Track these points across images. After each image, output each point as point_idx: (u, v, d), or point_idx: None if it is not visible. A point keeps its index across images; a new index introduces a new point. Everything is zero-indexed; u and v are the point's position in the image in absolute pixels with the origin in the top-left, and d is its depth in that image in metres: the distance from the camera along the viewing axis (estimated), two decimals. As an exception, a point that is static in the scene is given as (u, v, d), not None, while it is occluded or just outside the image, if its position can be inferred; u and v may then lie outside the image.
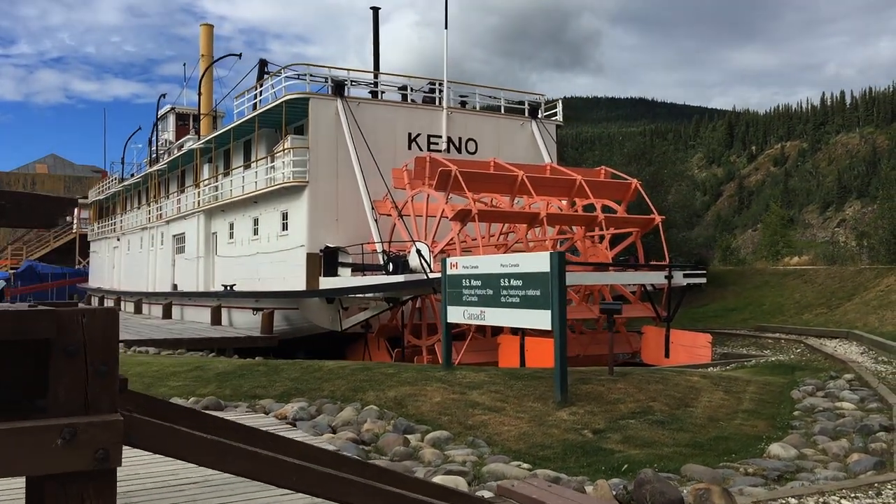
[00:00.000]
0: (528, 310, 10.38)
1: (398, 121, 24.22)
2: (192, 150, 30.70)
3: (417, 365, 13.64)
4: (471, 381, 11.01)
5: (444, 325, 12.23)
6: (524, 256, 10.54)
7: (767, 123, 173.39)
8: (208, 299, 27.70)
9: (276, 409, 9.84)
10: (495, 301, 11.00)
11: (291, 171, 22.93)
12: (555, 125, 27.16)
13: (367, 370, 11.91)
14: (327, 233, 22.83)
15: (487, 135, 25.74)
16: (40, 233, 71.35)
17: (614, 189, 21.99)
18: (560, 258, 9.82)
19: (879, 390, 11.21)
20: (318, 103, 23.04)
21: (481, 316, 11.35)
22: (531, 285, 10.29)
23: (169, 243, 33.71)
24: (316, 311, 22.62)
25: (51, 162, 77.58)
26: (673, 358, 19.85)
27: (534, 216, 19.42)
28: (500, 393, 10.32)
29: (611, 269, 19.90)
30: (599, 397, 10.08)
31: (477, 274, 11.43)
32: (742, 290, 30.89)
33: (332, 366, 12.40)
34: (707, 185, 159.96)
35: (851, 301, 23.24)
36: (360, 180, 22.13)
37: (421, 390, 10.48)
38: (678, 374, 11.87)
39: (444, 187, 19.34)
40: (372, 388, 10.75)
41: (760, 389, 11.19)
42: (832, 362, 15.93)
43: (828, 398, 10.78)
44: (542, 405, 9.74)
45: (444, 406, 9.74)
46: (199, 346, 21.23)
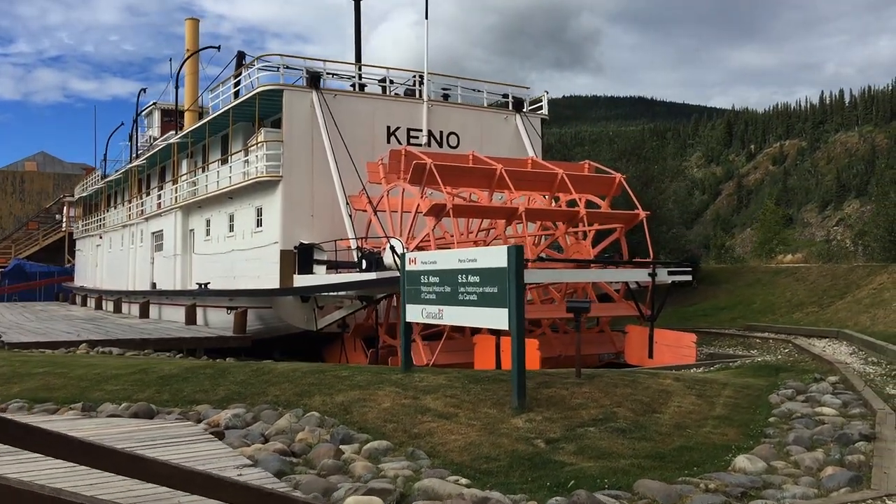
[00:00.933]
0: (485, 308, 9.65)
1: (376, 114, 23.47)
2: (170, 146, 29.96)
3: (376, 367, 12.92)
4: (427, 384, 10.28)
5: (403, 324, 11.50)
6: (482, 251, 9.81)
7: (766, 122, 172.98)
8: (184, 298, 26.97)
9: (212, 415, 9.12)
10: (453, 299, 10.28)
11: (265, 165, 22.18)
12: (540, 119, 26.41)
13: (320, 373, 11.18)
14: (302, 229, 22.09)
15: (470, 128, 25.00)
16: (29, 231, 70.60)
17: (598, 184, 21.26)
18: (517, 252, 9.09)
19: (864, 394, 10.49)
20: (292, 95, 22.29)
21: (439, 315, 10.63)
22: (488, 282, 9.56)
23: (148, 241, 32.98)
24: (290, 311, 21.88)
25: (40, 159, 76.80)
26: (657, 358, 19.15)
27: (512, 211, 18.69)
28: (456, 398, 9.59)
29: (592, 266, 19.17)
30: (561, 402, 9.36)
31: (435, 270, 10.71)
32: (733, 288, 30.18)
33: (282, 368, 11.68)
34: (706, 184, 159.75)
35: (843, 299, 22.53)
36: (334, 175, 21.39)
37: (371, 395, 9.76)
38: (650, 376, 11.15)
39: (419, 181, 18.61)
40: (320, 392, 10.03)
41: (737, 393, 10.47)
42: (819, 363, 15.21)
43: (808, 403, 10.05)
44: (497, 411, 9.02)
45: (391, 412, 9.02)
46: (166, 347, 20.52)
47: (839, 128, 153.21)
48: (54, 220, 69.24)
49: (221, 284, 25.21)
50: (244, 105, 23.39)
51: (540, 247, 20.98)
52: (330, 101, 22.52)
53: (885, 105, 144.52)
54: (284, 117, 22.16)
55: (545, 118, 26.72)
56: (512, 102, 25.97)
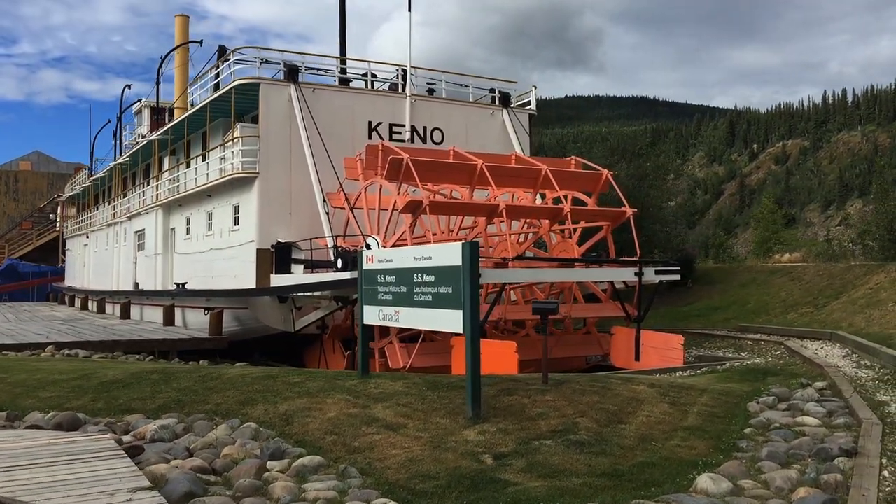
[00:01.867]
0: (440, 309, 8.96)
1: (357, 108, 22.77)
2: (151, 142, 29.30)
3: (333, 372, 12.19)
4: (382, 392, 9.60)
5: (361, 327, 10.80)
6: (437, 248, 9.11)
7: (769, 122, 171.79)
8: (163, 299, 26.30)
9: (142, 426, 8.43)
10: (409, 300, 9.58)
11: (241, 161, 21.49)
12: (528, 114, 25.68)
13: (270, 378, 10.49)
14: (279, 227, 21.40)
15: (455, 124, 24.28)
16: (23, 230, 70.07)
17: (584, 180, 20.54)
18: (472, 249, 8.39)
19: (851, 401, 9.77)
20: (269, 89, 21.59)
21: (395, 317, 9.93)
22: (443, 281, 8.87)
23: (131, 240, 32.32)
24: (267, 311, 21.20)
25: (35, 159, 76.25)
26: (644, 361, 18.44)
27: (493, 208, 17.97)
28: (409, 406, 8.90)
29: (577, 265, 18.45)
30: (520, 412, 8.65)
31: (391, 269, 10.01)
32: (728, 288, 29.43)
33: (233, 374, 10.99)
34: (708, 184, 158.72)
35: (839, 300, 21.78)
36: (311, 171, 20.69)
37: (319, 403, 9.07)
38: (623, 382, 10.44)
39: (396, 177, 17.91)
40: (266, 400, 9.34)
41: (714, 401, 9.76)
42: (809, 367, 14.50)
43: (789, 412, 9.34)
44: (450, 422, 8.32)
45: (335, 423, 8.32)
46: (137, 349, 19.83)
47: (842, 127, 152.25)
48: (48, 219, 68.70)
49: (200, 284, 24.55)
50: (221, 100, 22.70)
51: (524, 245, 20.27)
52: (308, 95, 21.82)
53: (888, 104, 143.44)
54: (261, 112, 21.46)
55: (533, 113, 26.00)
56: (498, 97, 25.26)
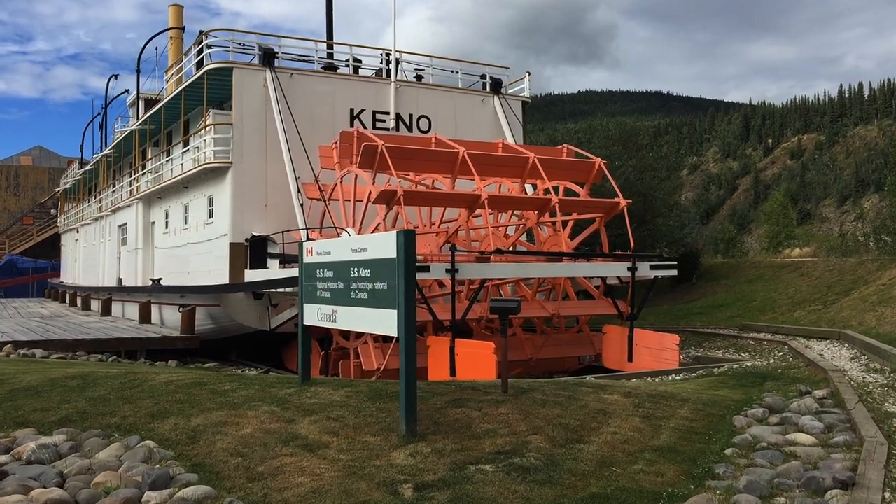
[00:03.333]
0: (375, 309, 7.78)
1: (339, 95, 21.58)
2: (132, 133, 28.26)
3: (272, 378, 10.96)
4: (317, 402, 8.43)
5: (301, 328, 9.63)
6: (372, 238, 7.92)
7: (784, 116, 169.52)
8: (140, 295, 25.27)
9: (24, 443, 7.30)
10: (346, 297, 8.40)
11: (213, 150, 20.39)
12: (520, 101, 24.42)
13: (198, 386, 9.35)
14: (254, 220, 20.27)
15: (443, 112, 23.06)
16: (24, 226, 69.44)
17: (575, 169, 19.27)
18: (407, 238, 7.20)
19: (854, 414, 8.51)
20: (243, 74, 20.45)
21: (333, 316, 8.75)
22: (379, 276, 7.68)
23: (115, 234, 31.33)
24: (241, 309, 20.08)
25: (36, 154, 75.59)
26: (636, 362, 17.21)
27: (474, 199, 16.75)
28: (340, 420, 7.73)
29: (564, 259, 17.23)
30: (465, 428, 7.46)
31: (329, 262, 8.83)
32: (734, 283, 28.09)
33: (159, 379, 9.84)
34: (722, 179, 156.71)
35: (849, 296, 20.43)
36: (286, 160, 19.54)
37: (239, 417, 7.92)
38: (594, 390, 9.22)
39: (370, 165, 16.73)
40: (181, 412, 8.19)
41: (696, 413, 8.52)
42: (812, 370, 13.24)
43: (781, 427, 8.09)
44: (381, 440, 7.14)
45: (247, 442, 7.16)
46: (101, 349, 18.75)
47: (858, 121, 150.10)
48: (49, 214, 68.04)
49: (176, 280, 23.48)
50: (196, 87, 21.59)
51: (511, 238, 19.04)
52: (285, 80, 20.66)
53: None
54: (234, 98, 20.31)
55: (527, 100, 24.73)
56: (489, 83, 24.02)
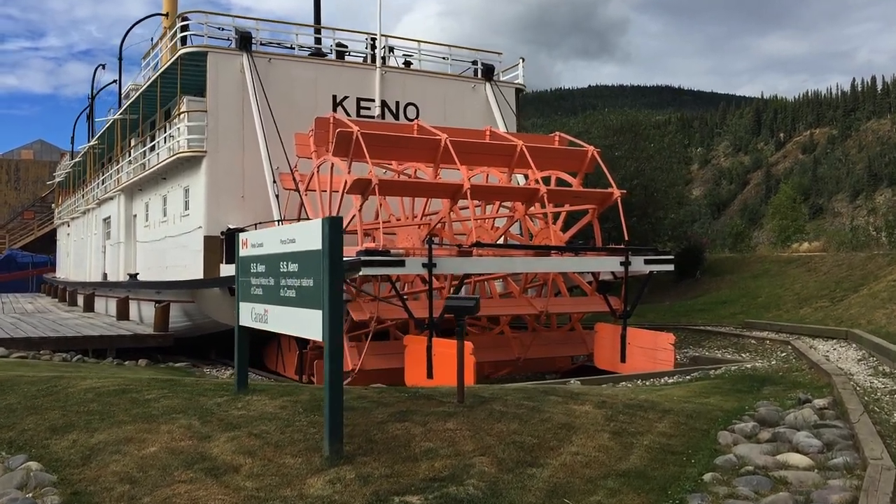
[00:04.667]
0: (301, 308, 6.78)
1: (321, 80, 20.56)
2: (114, 123, 27.35)
3: (211, 384, 9.88)
4: (245, 413, 7.45)
5: (237, 329, 8.64)
6: (300, 228, 6.91)
7: (796, 110, 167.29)
8: (118, 290, 24.38)
9: None
10: (276, 295, 7.41)
11: (186, 139, 19.42)
12: (514, 88, 23.34)
13: (120, 394, 8.38)
14: (231, 212, 19.29)
15: (431, 99, 21.99)
16: (25, 220, 68.92)
17: (566, 158, 18.19)
18: (333, 227, 6.18)
19: (858, 429, 7.44)
20: (218, 58, 19.46)
21: (265, 317, 7.76)
22: (306, 271, 6.68)
23: (100, 228, 30.47)
24: (215, 305, 19.10)
25: (37, 148, 75.00)
26: (630, 362, 16.15)
27: (456, 188, 15.71)
28: (262, 437, 6.73)
29: (553, 253, 16.18)
30: (403, 447, 6.45)
31: (261, 255, 7.84)
32: (738, 279, 26.93)
33: (81, 386, 8.86)
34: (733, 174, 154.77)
35: (858, 293, 19.28)
36: (262, 149, 18.55)
37: (149, 432, 6.94)
38: (564, 399, 8.19)
39: (346, 153, 15.71)
40: (87, 426, 7.22)
41: (675, 427, 7.47)
42: (816, 374, 12.16)
43: (772, 444, 7.03)
44: (302, 461, 6.14)
45: (145, 464, 6.18)
46: (69, 347, 17.84)
47: (871, 115, 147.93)
48: (49, 209, 67.41)
49: (155, 276, 22.57)
50: (170, 73, 20.61)
51: (498, 231, 17.98)
52: (263, 65, 19.67)
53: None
54: (209, 84, 19.32)
55: (521, 87, 23.64)
56: (481, 70, 22.93)
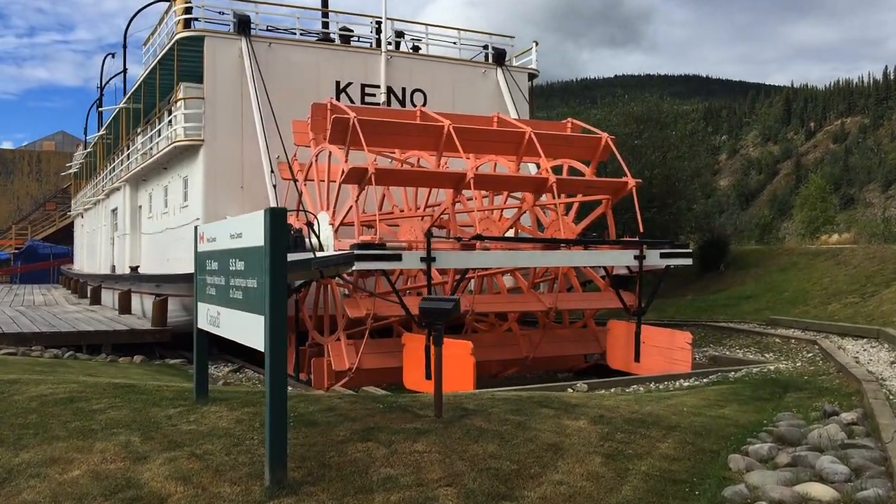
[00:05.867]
0: (245, 313, 5.95)
1: (322, 66, 19.72)
2: (119, 112, 26.75)
3: (171, 391, 9.01)
4: (193, 429, 6.66)
5: (195, 332, 7.84)
6: (246, 220, 6.07)
7: (827, 99, 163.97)
8: (121, 283, 23.82)
9: None
10: (226, 297, 6.59)
11: (183, 127, 18.70)
12: (526, 74, 22.34)
13: (66, 403, 7.62)
14: (229, 203, 18.54)
15: (440, 85, 21.08)
16: (47, 211, 69.08)
17: (577, 145, 17.19)
18: (275, 218, 5.33)
19: (892, 451, 6.47)
20: (215, 43, 18.69)
21: (217, 320, 6.95)
22: (251, 270, 5.85)
23: (108, 219, 29.98)
24: (214, 299, 18.39)
25: (59, 139, 75.16)
26: (644, 362, 15.18)
27: (458, 178, 14.80)
28: (204, 459, 5.91)
29: (562, 246, 15.23)
30: (359, 473, 5.60)
31: (215, 251, 7.03)
32: (764, 273, 25.78)
33: (29, 393, 8.11)
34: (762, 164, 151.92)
35: (890, 288, 18.12)
36: (260, 138, 17.78)
37: (80, 450, 6.17)
38: (555, 414, 7.29)
39: (342, 140, 14.87)
40: (15, 442, 6.46)
41: (680, 448, 6.55)
42: (844, 378, 11.15)
43: (792, 471, 6.08)
44: (240, 491, 5.31)
45: (63, 491, 5.39)
46: (62, 342, 17.25)
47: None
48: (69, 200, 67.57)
49: (157, 268, 21.95)
50: (168, 59, 19.90)
51: (505, 222, 17.05)
52: (263, 50, 18.88)
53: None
54: (206, 69, 18.57)
55: (534, 73, 22.63)
56: (492, 55, 21.96)
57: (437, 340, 7.13)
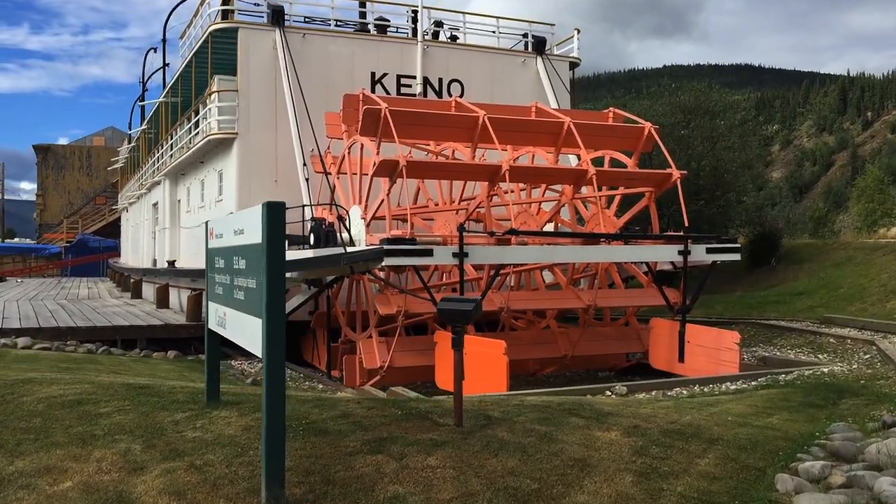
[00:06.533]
0: (248, 315, 5.54)
1: (357, 57, 19.34)
2: (159, 106, 26.78)
3: (184, 394, 8.62)
4: (198, 437, 6.29)
5: (206, 332, 7.47)
6: (246, 216, 5.65)
7: (885, 88, 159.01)
8: (160, 277, 23.83)
9: None
10: (231, 297, 6.20)
11: (217, 120, 18.49)
12: (568, 63, 21.66)
13: (73, 406, 7.32)
14: (263, 196, 17.99)
15: (478, 75, 20.54)
16: (97, 206, 70.24)
17: (619, 136, 16.51)
18: (272, 213, 4.90)
19: (962, 472, 5.79)
20: (249, 35, 18.43)
21: (224, 321, 6.56)
22: (252, 269, 5.43)
23: (150, 213, 30.13)
24: (248, 295, 18.18)
25: (109, 134, 76.34)
26: (689, 363, 14.50)
27: (494, 170, 14.28)
28: (204, 470, 5.53)
29: (602, 241, 14.61)
30: (365, 491, 5.14)
31: (221, 248, 6.64)
32: (818, 267, 24.72)
33: (38, 394, 7.83)
34: (817, 155, 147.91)
35: (955, 286, 17.11)
36: (293, 130, 17.47)
37: (76, 459, 5.84)
38: (585, 424, 6.75)
39: (373, 132, 14.45)
40: (14, 448, 6.17)
41: (722, 465, 5.96)
42: (906, 385, 10.37)
43: (846, 493, 5.44)
44: (236, 508, 4.91)
45: None
46: (97, 337, 17.19)
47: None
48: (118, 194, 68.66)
49: (194, 262, 21.85)
50: (201, 51, 19.72)
51: (544, 215, 16.47)
52: (297, 41, 18.57)
53: None
54: (240, 62, 18.34)
55: (576, 61, 21.93)
56: (532, 43, 21.32)
57: (457, 344, 6.64)
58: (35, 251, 67.25)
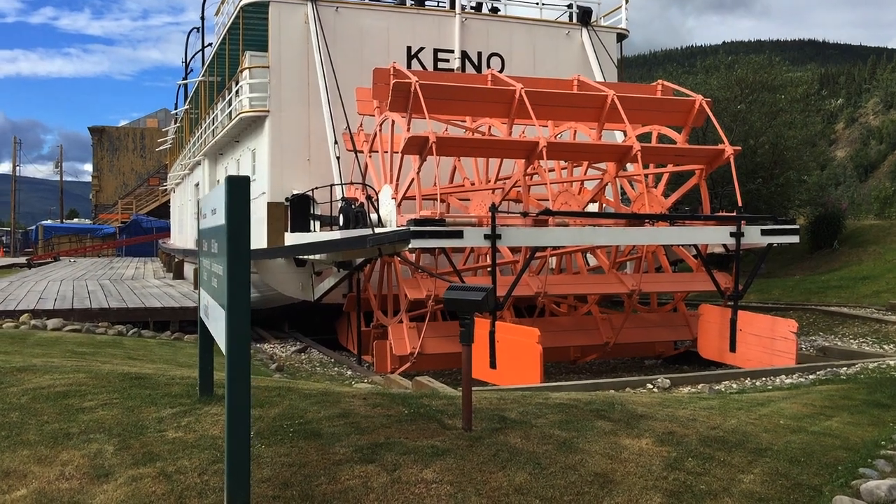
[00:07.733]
0: (217, 305, 4.88)
1: (393, 31, 18.58)
2: (199, 85, 26.47)
3: (179, 387, 7.96)
4: (178, 437, 5.70)
5: (199, 321, 6.87)
6: (215, 193, 4.97)
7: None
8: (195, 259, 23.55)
9: None
10: (210, 283, 5.56)
11: (248, 97, 17.97)
12: (615, 34, 20.54)
13: (59, 398, 6.79)
14: (295, 176, 17.78)
15: (519, 48, 19.59)
16: (150, 186, 71.13)
17: (668, 110, 15.45)
18: (235, 192, 4.20)
19: None
20: (280, 9, 17.80)
21: (207, 311, 5.93)
22: (222, 254, 4.76)
23: (192, 193, 29.99)
24: (280, 277, 17.71)
25: (161, 116, 77.08)
26: (741, 353, 13.51)
27: (530, 147, 13.40)
28: (174, 479, 4.91)
29: (647, 222, 13.67)
30: (345, 509, 4.46)
31: (204, 229, 6.00)
32: (884, 250, 23.28)
33: (33, 384, 7.34)
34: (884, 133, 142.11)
35: None
36: (324, 107, 16.84)
37: (40, 462, 5.30)
38: (613, 429, 5.95)
39: (404, 108, 13.71)
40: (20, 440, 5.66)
41: (769, 482, 5.11)
42: (984, 384, 9.26)
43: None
44: (196, 527, 4.28)
45: (-8, 516, 4.51)
46: (129, 318, 16.96)
47: None
48: (169, 175, 69.36)
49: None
50: (235, 28, 19.20)
51: (586, 195, 15.54)
52: (330, 15, 17.89)
53: None
54: (271, 37, 17.75)
55: (624, 33, 20.79)
56: (577, 14, 20.25)
57: (466, 338, 5.88)
58: (91, 231, 68.54)
